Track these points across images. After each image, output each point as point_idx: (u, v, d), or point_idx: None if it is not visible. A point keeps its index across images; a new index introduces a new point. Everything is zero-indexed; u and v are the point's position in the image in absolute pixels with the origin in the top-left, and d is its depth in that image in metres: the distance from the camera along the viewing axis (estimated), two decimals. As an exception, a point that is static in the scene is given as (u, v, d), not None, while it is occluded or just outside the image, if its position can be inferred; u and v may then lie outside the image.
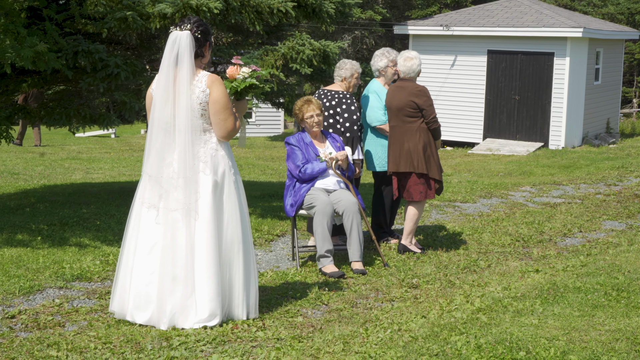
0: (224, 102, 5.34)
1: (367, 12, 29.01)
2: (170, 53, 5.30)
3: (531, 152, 21.39)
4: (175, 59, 5.29)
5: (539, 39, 22.10)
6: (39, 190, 11.90)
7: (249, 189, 12.35)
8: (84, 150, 21.41)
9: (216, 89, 5.31)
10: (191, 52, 5.30)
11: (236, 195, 5.48)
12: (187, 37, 5.29)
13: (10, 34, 7.69)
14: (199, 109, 5.32)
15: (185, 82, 5.27)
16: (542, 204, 11.43)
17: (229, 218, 5.44)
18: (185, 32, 5.30)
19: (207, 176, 5.35)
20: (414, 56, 7.93)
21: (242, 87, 5.55)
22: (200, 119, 5.34)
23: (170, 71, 5.29)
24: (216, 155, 5.40)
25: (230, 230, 5.45)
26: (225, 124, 5.37)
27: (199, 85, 5.31)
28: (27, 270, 6.85)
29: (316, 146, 7.56)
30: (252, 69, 5.60)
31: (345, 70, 8.08)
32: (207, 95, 5.31)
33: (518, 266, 7.41)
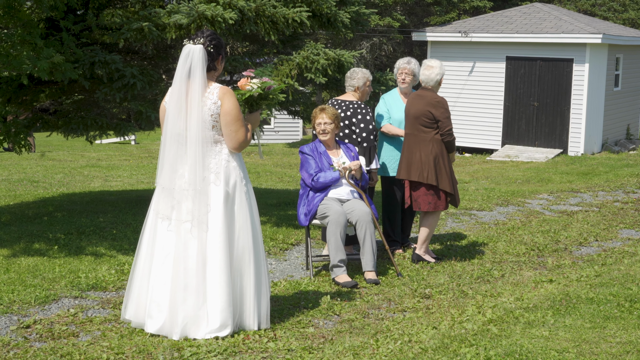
0: (235, 114, 5.39)
1: (385, 19, 29.02)
2: (183, 66, 5.37)
3: (550, 159, 21.30)
4: (187, 72, 5.36)
5: (558, 45, 22.03)
6: (57, 199, 12.01)
7: (266, 197, 12.44)
8: (104, 158, 21.57)
9: (227, 101, 5.37)
10: (203, 66, 5.36)
11: (247, 206, 5.53)
12: (199, 51, 5.36)
13: (27, 45, 7.79)
14: (211, 121, 5.38)
15: (197, 94, 5.33)
16: (559, 212, 11.38)
17: (240, 228, 5.49)
18: (198, 46, 5.37)
19: (218, 187, 5.40)
20: (434, 65, 7.93)
21: (248, 97, 5.59)
22: (212, 131, 5.41)
23: (183, 84, 5.36)
24: (228, 167, 5.46)
25: (241, 240, 5.49)
26: (236, 136, 5.42)
27: (210, 97, 5.37)
28: (43, 280, 6.91)
29: (330, 155, 7.59)
30: (263, 80, 5.64)
31: (357, 80, 8.11)
32: (219, 107, 5.37)
33: (532, 276, 7.40)
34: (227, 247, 5.39)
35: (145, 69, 9.08)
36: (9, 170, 17.46)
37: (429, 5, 31.36)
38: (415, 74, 8.41)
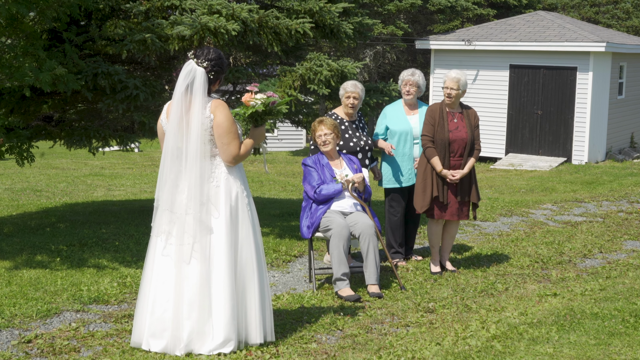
0: (226, 126, 5.37)
1: (389, 27, 29.00)
2: (183, 84, 5.36)
3: (554, 168, 21.25)
4: (187, 90, 5.35)
5: (561, 54, 22.00)
6: (60, 209, 11.99)
7: (269, 207, 12.41)
8: (107, 166, 21.56)
9: (219, 113, 5.36)
10: (204, 89, 5.38)
11: (249, 218, 5.50)
12: (201, 75, 5.37)
13: (30, 57, 7.78)
14: (207, 135, 5.37)
15: (197, 113, 5.33)
16: (563, 222, 11.34)
17: (243, 241, 5.46)
18: (200, 69, 5.37)
19: (220, 201, 5.37)
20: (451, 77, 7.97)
21: (251, 113, 5.55)
22: (209, 144, 5.40)
23: (182, 101, 5.34)
24: (228, 179, 5.43)
25: (244, 253, 5.46)
26: (228, 148, 5.39)
27: (204, 113, 5.36)
28: (45, 293, 6.89)
29: (332, 167, 7.56)
30: (268, 95, 5.60)
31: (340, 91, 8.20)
32: (212, 120, 5.37)
33: (536, 289, 7.36)
34: (231, 261, 5.36)
35: (148, 80, 9.06)
36: (12, 179, 17.47)
37: (433, 14, 31.35)
38: (420, 85, 8.39)
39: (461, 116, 7.96)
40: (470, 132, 7.90)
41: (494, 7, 33.46)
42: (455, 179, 7.87)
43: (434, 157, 7.88)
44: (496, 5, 33.67)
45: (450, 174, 7.87)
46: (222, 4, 8.63)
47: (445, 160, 7.89)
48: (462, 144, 7.89)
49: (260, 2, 10.01)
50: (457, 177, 7.87)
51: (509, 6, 33.72)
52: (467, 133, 7.89)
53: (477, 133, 8.01)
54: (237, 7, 8.63)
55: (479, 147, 8.01)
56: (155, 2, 8.98)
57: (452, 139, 7.88)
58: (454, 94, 7.89)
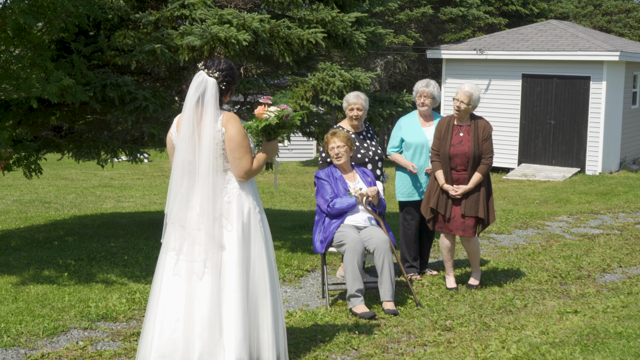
0: (238, 140, 5.17)
1: (400, 37, 28.84)
2: (194, 96, 5.15)
3: (567, 178, 21.03)
4: (198, 102, 5.15)
5: (574, 63, 21.80)
6: (68, 222, 11.85)
7: (280, 219, 12.23)
8: (117, 177, 21.43)
9: (231, 127, 5.16)
10: (216, 100, 5.17)
11: (261, 235, 5.29)
12: (213, 86, 5.16)
13: (37, 68, 7.64)
14: (219, 150, 5.16)
15: (209, 126, 5.12)
16: (579, 235, 11.12)
17: (255, 258, 5.25)
18: (212, 79, 5.17)
19: (232, 216, 5.17)
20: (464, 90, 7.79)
21: (265, 126, 5.36)
22: (221, 159, 5.18)
23: (192, 113, 5.15)
24: (240, 194, 5.23)
25: (257, 271, 5.25)
26: (241, 163, 5.19)
27: (215, 126, 5.16)
28: (52, 310, 6.72)
29: (346, 180, 7.39)
30: (281, 108, 5.42)
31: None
32: (223, 134, 5.16)
33: (556, 306, 7.14)
34: (244, 278, 5.15)
35: (157, 90, 8.91)
36: (21, 191, 17.34)
37: (444, 23, 31.18)
38: (435, 96, 8.21)
39: (468, 129, 7.74)
40: (474, 146, 7.66)
41: (505, 17, 33.29)
42: (456, 194, 7.67)
43: (437, 171, 7.75)
44: (508, 15, 33.49)
45: (452, 189, 7.68)
46: (232, 13, 8.48)
47: (448, 175, 7.71)
48: (465, 159, 7.67)
49: (271, 11, 9.85)
50: (459, 192, 7.66)
51: (520, 15, 33.54)
52: (471, 147, 7.66)
53: (486, 146, 7.72)
54: (248, 17, 8.47)
55: (487, 161, 7.69)
56: (165, 12, 8.84)
57: (454, 153, 7.68)
58: (463, 107, 7.69)
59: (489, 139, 7.72)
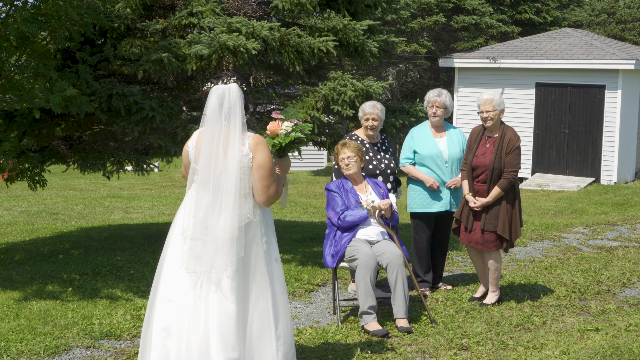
0: (269, 167, 4.85)
1: (412, 45, 28.61)
2: (219, 108, 4.76)
3: (582, 188, 20.72)
4: (226, 114, 4.75)
5: (589, 72, 21.52)
6: (74, 234, 11.65)
7: (290, 231, 12.00)
8: (126, 187, 21.26)
9: (261, 153, 4.80)
10: (242, 106, 4.82)
11: (266, 266, 4.97)
12: (236, 90, 4.81)
13: (41, 78, 7.45)
14: (242, 174, 4.88)
15: (237, 138, 4.75)
16: (597, 247, 10.84)
17: (257, 295, 4.92)
18: (233, 84, 4.85)
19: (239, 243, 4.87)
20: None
21: (287, 143, 5.09)
22: (239, 182, 4.89)
23: (217, 127, 4.77)
24: (249, 224, 4.92)
25: (259, 305, 4.90)
26: (268, 190, 4.86)
27: (242, 149, 4.80)
28: (54, 327, 6.51)
29: (357, 192, 7.15)
30: (294, 122, 5.16)
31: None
32: (250, 160, 4.80)
33: (576, 323, 6.88)
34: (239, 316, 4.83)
35: (165, 101, 8.72)
36: (29, 202, 17.18)
37: (456, 31, 30.93)
38: (447, 106, 7.98)
39: (494, 141, 7.51)
40: (497, 158, 7.41)
41: (518, 25, 33.02)
42: (475, 205, 7.44)
43: (463, 180, 7.56)
44: (521, 23, 33.23)
45: (472, 200, 7.46)
46: (242, 22, 8.27)
47: (470, 185, 7.50)
48: (485, 170, 7.44)
49: (281, 20, 9.65)
50: (478, 205, 7.43)
51: (533, 24, 33.27)
52: (491, 159, 7.42)
53: (509, 159, 7.44)
54: (257, 25, 8.26)
55: (508, 175, 7.39)
56: (173, 21, 8.65)
57: (475, 164, 7.47)
58: (492, 115, 7.47)
59: (513, 152, 7.45)
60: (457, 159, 8.02)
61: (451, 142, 8.03)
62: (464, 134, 8.23)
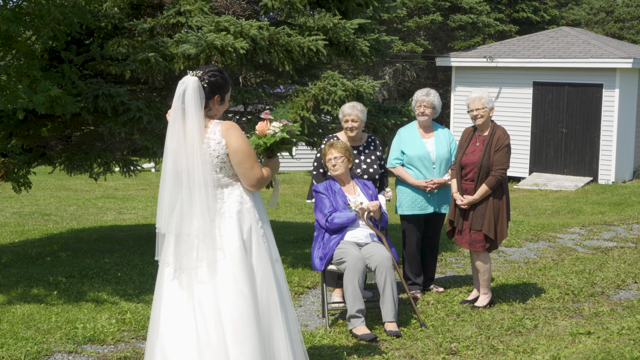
0: (245, 150, 4.73)
1: (409, 44, 28.48)
2: (176, 101, 4.66)
3: (580, 187, 20.61)
4: (181, 107, 4.71)
5: (586, 70, 21.40)
6: (64, 236, 11.53)
7: (283, 232, 11.88)
8: (121, 187, 21.14)
9: (234, 137, 4.69)
10: (199, 100, 4.64)
11: (266, 250, 4.82)
12: (193, 83, 4.68)
13: (25, 78, 7.33)
14: (218, 163, 4.70)
15: (196, 133, 4.63)
16: (592, 248, 10.73)
17: (262, 278, 4.80)
18: (194, 77, 4.75)
19: (233, 234, 4.75)
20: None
21: (272, 142, 4.98)
22: (220, 173, 4.73)
23: (179, 121, 4.66)
24: (241, 210, 4.77)
25: (265, 290, 4.78)
26: (252, 172, 4.75)
27: (213, 137, 4.67)
28: (37, 332, 6.40)
29: (345, 193, 7.03)
30: (283, 123, 5.05)
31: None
32: (225, 147, 4.69)
33: (568, 326, 6.76)
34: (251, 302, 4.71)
35: (153, 101, 8.60)
36: (22, 202, 17.05)
37: (453, 30, 30.79)
38: (435, 106, 7.85)
39: (484, 139, 7.41)
40: (485, 156, 7.31)
41: (516, 24, 32.89)
42: (462, 203, 7.34)
43: (452, 179, 7.49)
44: (518, 22, 33.10)
45: (459, 198, 7.37)
46: (230, 20, 8.15)
47: (459, 184, 7.41)
48: (473, 168, 7.34)
49: (272, 18, 9.54)
50: (465, 202, 7.33)
51: (531, 22, 33.13)
52: (480, 157, 7.32)
53: (498, 157, 7.33)
54: (245, 24, 8.14)
55: (496, 172, 7.29)
56: (161, 20, 8.53)
57: (464, 162, 7.39)
58: (482, 113, 7.37)
59: (502, 150, 7.34)
60: (444, 160, 7.90)
61: (439, 143, 7.91)
62: (452, 134, 8.12)
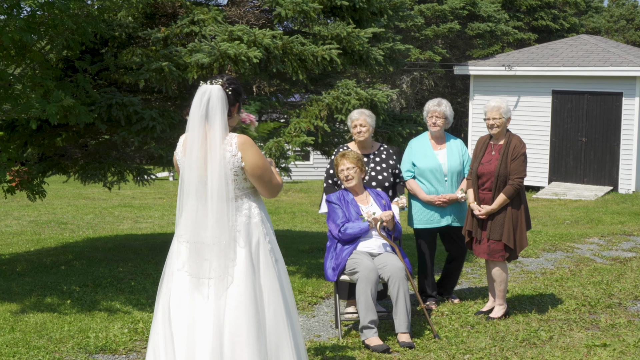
0: (263, 165, 4.72)
1: (426, 53, 28.42)
2: (198, 109, 4.63)
3: (599, 197, 20.43)
4: (204, 115, 4.65)
5: (606, 79, 21.24)
6: (79, 244, 11.55)
7: (298, 241, 11.84)
8: (138, 196, 21.18)
9: (250, 153, 4.67)
10: (223, 108, 4.66)
11: (273, 265, 4.81)
12: (218, 91, 4.66)
13: (38, 88, 7.35)
14: (231, 175, 4.69)
15: (218, 141, 4.60)
16: (611, 258, 10.60)
17: (269, 293, 4.77)
18: (217, 86, 4.71)
19: (241, 248, 4.73)
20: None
21: None
22: (232, 185, 4.72)
23: (200, 129, 4.62)
24: (249, 223, 4.75)
25: (272, 306, 4.75)
26: (272, 185, 4.78)
27: (228, 149, 4.64)
28: (49, 341, 6.39)
29: (358, 204, 6.98)
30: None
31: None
32: (239, 160, 4.66)
33: (583, 338, 6.67)
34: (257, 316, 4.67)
35: (167, 110, 8.60)
36: (39, 211, 17.14)
37: (471, 39, 30.69)
38: (447, 116, 7.77)
39: (500, 148, 7.34)
40: (502, 165, 7.24)
41: (535, 32, 32.75)
42: (479, 214, 7.27)
43: (469, 189, 7.43)
44: (537, 30, 32.95)
45: (476, 209, 7.29)
46: (243, 30, 8.14)
47: (476, 194, 7.33)
48: (490, 177, 7.27)
49: (286, 27, 9.52)
50: (483, 212, 7.26)
51: (550, 30, 32.97)
52: (496, 166, 7.25)
53: (514, 166, 7.26)
54: (259, 33, 8.13)
55: (513, 181, 7.22)
56: (174, 29, 8.54)
57: (481, 171, 7.32)
58: (498, 123, 7.31)
59: (519, 158, 7.27)
60: (456, 172, 7.80)
61: (451, 155, 7.81)
62: (464, 145, 8.04)
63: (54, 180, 14.17)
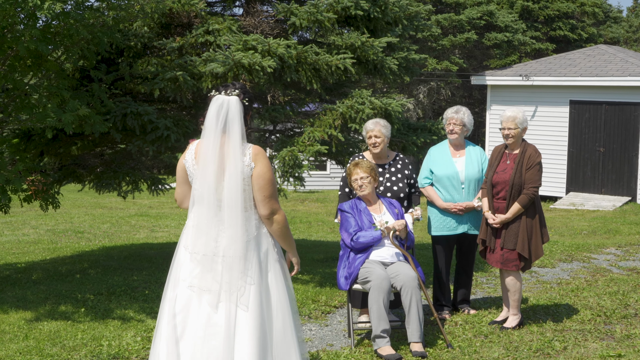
0: (269, 177, 4.75)
1: (443, 63, 28.39)
2: (216, 119, 4.67)
3: (617, 207, 20.30)
4: (223, 125, 4.69)
5: (624, 89, 21.13)
6: (95, 253, 11.61)
7: (313, 250, 11.84)
8: (155, 205, 21.27)
9: (261, 163, 4.71)
10: (241, 119, 4.71)
11: (282, 275, 4.86)
12: (236, 103, 4.71)
13: (54, 97, 7.40)
14: (245, 185, 4.73)
15: (237, 151, 4.65)
16: (628, 269, 10.52)
17: (277, 302, 4.79)
18: (234, 97, 4.74)
19: (250, 258, 4.74)
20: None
21: None
22: (243, 194, 4.78)
23: (217, 139, 4.69)
24: (259, 234, 4.79)
25: (280, 315, 4.77)
26: (270, 201, 4.75)
27: (243, 159, 4.72)
28: (62, 349, 6.42)
29: (371, 212, 6.98)
30: None
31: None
32: (252, 170, 4.72)
33: (598, 349, 6.62)
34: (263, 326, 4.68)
35: (181, 119, 8.64)
36: (56, 220, 17.25)
37: (489, 49, 30.64)
38: (466, 123, 7.75)
39: (515, 157, 7.32)
40: (517, 174, 7.22)
41: (552, 42, 32.64)
42: (494, 222, 7.24)
43: (483, 198, 7.40)
44: (555, 40, 32.85)
45: (491, 218, 7.26)
46: (257, 39, 8.18)
47: (490, 203, 7.30)
48: (505, 186, 7.25)
49: (300, 37, 9.55)
50: (497, 221, 7.23)
51: (568, 40, 32.86)
52: (512, 175, 7.23)
53: (529, 175, 7.24)
54: (273, 43, 8.16)
55: (528, 191, 7.19)
56: (189, 39, 8.59)
57: (495, 180, 7.30)
58: (513, 133, 7.28)
59: (534, 167, 7.24)
60: (474, 180, 7.76)
61: (469, 162, 7.79)
62: (484, 152, 8.01)
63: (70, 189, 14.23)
